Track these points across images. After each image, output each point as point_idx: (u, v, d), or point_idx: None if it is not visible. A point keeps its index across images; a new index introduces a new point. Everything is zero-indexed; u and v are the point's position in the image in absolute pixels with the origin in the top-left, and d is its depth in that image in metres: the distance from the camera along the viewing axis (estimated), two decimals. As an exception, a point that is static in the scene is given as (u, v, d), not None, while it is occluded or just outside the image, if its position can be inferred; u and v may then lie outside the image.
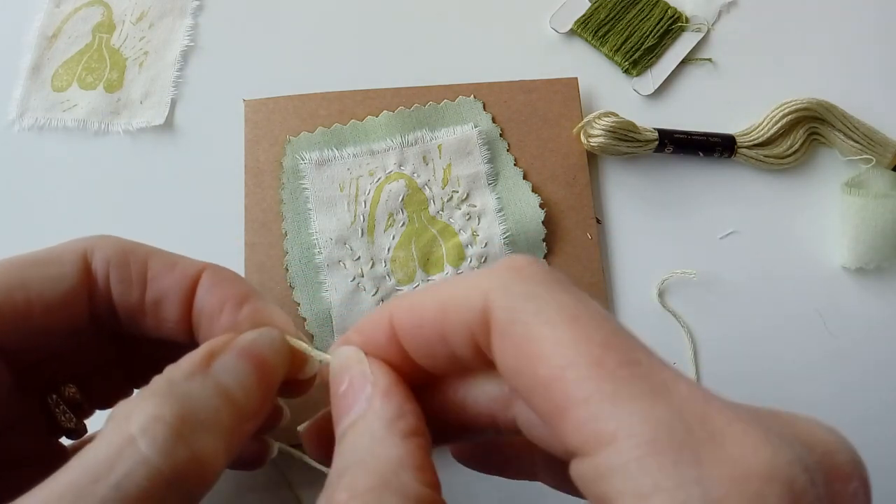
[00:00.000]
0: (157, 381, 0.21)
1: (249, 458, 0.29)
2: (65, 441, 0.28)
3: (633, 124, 0.41)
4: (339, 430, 0.19)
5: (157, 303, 0.26)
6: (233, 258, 0.39)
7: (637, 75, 0.45)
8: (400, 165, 0.41)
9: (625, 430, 0.15)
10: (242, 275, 0.39)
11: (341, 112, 0.42)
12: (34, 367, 0.26)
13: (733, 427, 0.15)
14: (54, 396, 0.27)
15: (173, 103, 0.44)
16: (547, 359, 0.17)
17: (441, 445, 0.22)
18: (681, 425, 0.15)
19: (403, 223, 0.40)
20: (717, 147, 0.42)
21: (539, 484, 0.25)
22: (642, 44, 0.46)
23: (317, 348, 0.38)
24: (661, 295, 0.40)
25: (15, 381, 0.25)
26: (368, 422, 0.19)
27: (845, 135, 0.43)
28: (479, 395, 0.21)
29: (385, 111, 0.42)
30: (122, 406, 0.20)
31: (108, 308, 0.26)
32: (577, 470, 0.17)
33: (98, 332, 0.27)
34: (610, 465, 0.15)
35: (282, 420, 0.28)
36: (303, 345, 0.25)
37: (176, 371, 0.22)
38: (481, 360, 0.20)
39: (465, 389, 0.21)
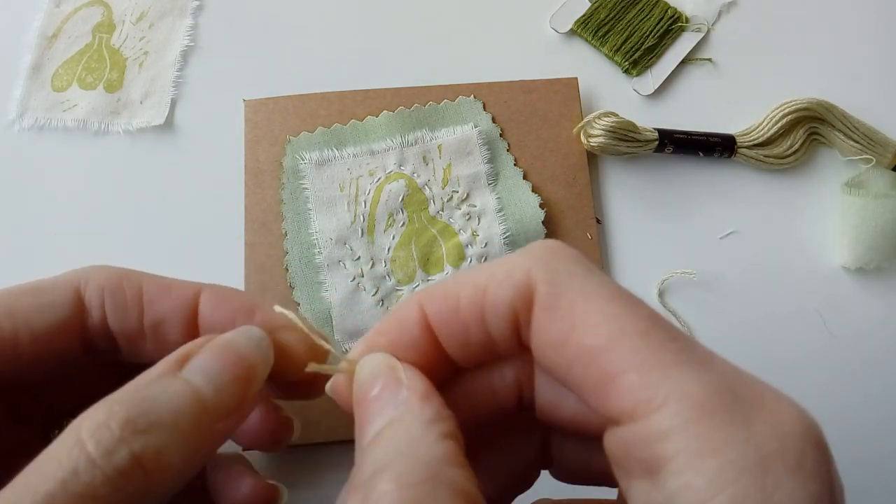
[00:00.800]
0: (126, 385, 0.21)
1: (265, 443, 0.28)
2: None
3: (633, 124, 0.41)
4: (370, 433, 0.19)
5: (157, 326, 0.26)
6: (233, 258, 0.39)
7: (637, 75, 0.45)
8: (400, 165, 0.41)
9: (676, 394, 0.16)
10: (242, 274, 0.39)
11: (341, 112, 0.42)
12: (32, 398, 0.26)
13: (766, 392, 0.17)
14: (56, 431, 0.27)
15: (173, 103, 0.44)
16: (595, 329, 0.18)
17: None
18: (727, 390, 0.16)
19: (403, 223, 0.40)
20: (717, 147, 0.42)
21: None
22: (642, 44, 0.46)
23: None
24: (661, 294, 0.40)
25: (9, 410, 0.25)
26: (406, 423, 0.19)
27: (845, 135, 0.43)
28: (499, 382, 0.22)
29: (385, 111, 0.42)
30: (86, 411, 0.20)
31: (105, 337, 0.26)
32: (620, 437, 0.17)
33: (98, 363, 0.27)
34: (662, 428, 0.16)
35: (293, 434, 0.28)
36: (323, 343, 0.24)
37: (146, 375, 0.22)
38: (514, 343, 0.20)
39: (485, 378, 0.22)
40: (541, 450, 0.23)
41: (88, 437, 0.19)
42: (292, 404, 0.29)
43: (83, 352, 0.26)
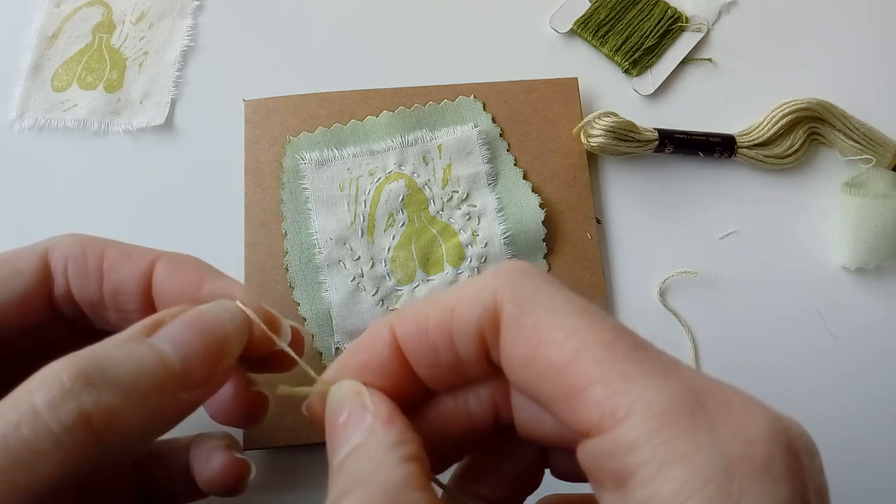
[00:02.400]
0: (90, 346, 0.21)
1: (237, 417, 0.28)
2: None
3: (633, 124, 0.41)
4: (338, 458, 0.19)
5: (116, 294, 0.26)
6: (233, 258, 0.39)
7: (637, 75, 0.45)
8: (400, 165, 0.41)
9: (640, 404, 0.16)
10: (242, 275, 0.39)
11: (341, 112, 0.42)
12: (8, 369, 0.26)
13: (734, 398, 0.17)
14: None
15: (173, 103, 0.44)
16: (560, 344, 0.18)
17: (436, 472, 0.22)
18: (692, 397, 0.16)
19: (403, 223, 0.40)
20: (717, 147, 0.42)
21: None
22: (642, 44, 0.45)
23: (314, 347, 0.38)
24: (661, 294, 0.40)
25: None
26: (370, 448, 0.19)
27: (845, 135, 0.43)
28: (474, 403, 0.22)
29: (385, 111, 0.42)
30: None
31: (72, 305, 0.26)
32: (590, 449, 0.17)
33: (74, 334, 0.27)
34: (628, 439, 0.16)
35: (267, 410, 0.28)
36: (273, 315, 0.25)
37: (112, 338, 0.21)
38: (484, 364, 0.20)
39: (460, 400, 0.22)
40: (540, 452, 0.23)
41: (37, 388, 0.19)
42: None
43: (55, 321, 0.26)
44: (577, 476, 0.22)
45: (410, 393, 0.21)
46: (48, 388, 0.19)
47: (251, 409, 0.28)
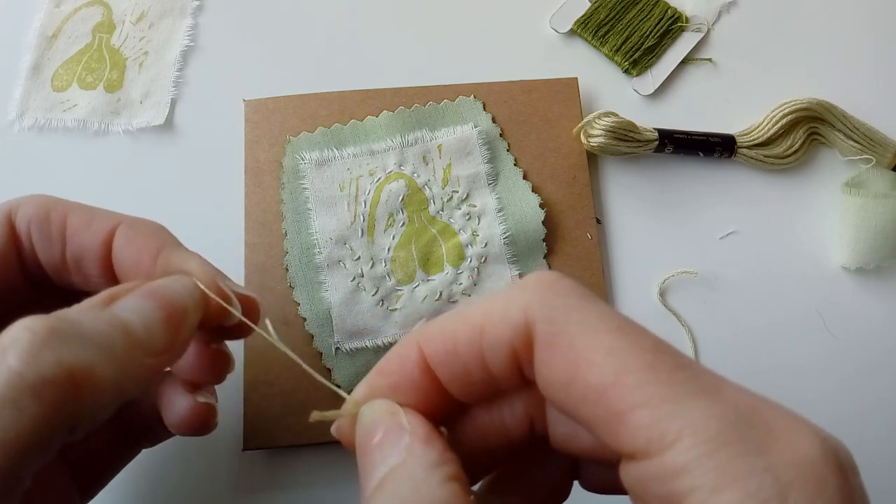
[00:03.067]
0: (51, 313, 0.21)
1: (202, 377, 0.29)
2: None
3: (633, 124, 0.41)
4: (374, 480, 0.19)
5: (78, 260, 0.26)
6: (233, 258, 0.39)
7: (637, 75, 0.45)
8: (400, 165, 0.41)
9: (689, 429, 0.16)
10: (242, 275, 0.39)
11: (341, 112, 0.42)
12: None
13: (782, 418, 0.17)
14: None
15: (173, 103, 0.44)
16: (599, 366, 0.17)
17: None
18: (740, 420, 0.16)
19: (403, 223, 0.40)
20: (717, 147, 0.42)
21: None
22: (642, 44, 0.45)
23: (314, 347, 0.38)
24: (661, 294, 0.40)
25: None
26: (409, 468, 0.19)
27: (845, 135, 0.43)
28: (508, 416, 0.21)
29: (385, 111, 0.42)
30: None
31: (38, 267, 0.26)
32: (636, 472, 0.17)
33: (40, 293, 0.27)
34: (677, 464, 0.16)
35: (231, 366, 0.28)
36: (227, 290, 0.25)
37: (72, 308, 0.22)
38: (517, 379, 0.20)
39: (494, 413, 0.22)
40: (570, 464, 0.23)
41: (9, 344, 0.19)
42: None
43: (25, 282, 0.26)
44: (607, 488, 0.22)
45: (443, 409, 0.21)
46: (21, 342, 0.19)
47: (215, 366, 0.28)
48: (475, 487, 0.23)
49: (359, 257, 0.39)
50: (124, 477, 0.36)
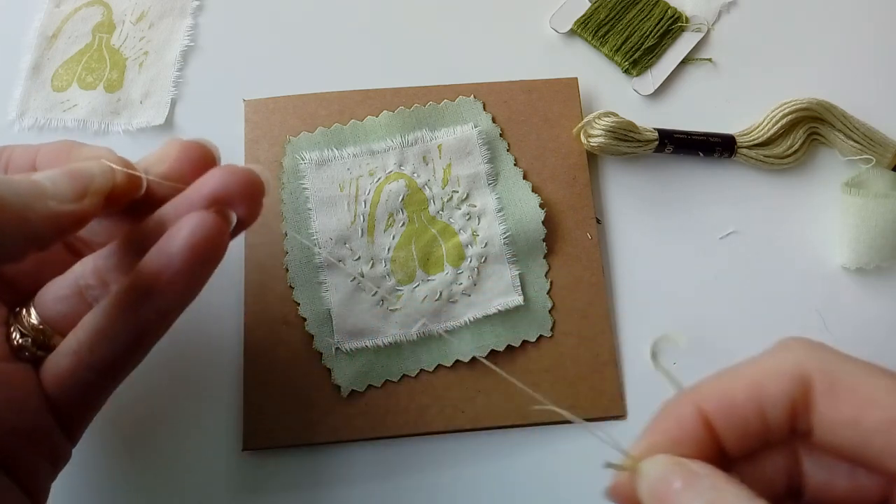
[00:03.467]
0: None
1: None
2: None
3: (633, 124, 0.41)
4: None
5: None
6: (233, 258, 0.39)
7: (637, 75, 0.45)
8: (400, 165, 0.41)
9: None
10: (242, 274, 0.39)
11: (341, 112, 0.42)
12: None
13: None
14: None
15: (173, 103, 0.44)
16: (883, 402, 0.20)
17: None
18: None
19: (403, 223, 0.40)
20: (717, 147, 0.42)
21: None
22: (642, 44, 0.46)
23: (314, 347, 0.38)
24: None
25: None
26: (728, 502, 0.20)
27: (845, 135, 0.43)
28: (770, 469, 0.23)
29: (385, 111, 0.42)
30: None
31: None
32: None
33: None
34: None
35: (141, 187, 0.28)
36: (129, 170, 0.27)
37: None
38: (787, 431, 0.22)
39: (758, 467, 0.24)
40: None
41: None
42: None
43: None
44: None
45: (714, 464, 0.22)
46: None
47: (127, 189, 0.28)
48: None
49: (359, 257, 0.39)
50: (124, 477, 0.36)
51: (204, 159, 0.29)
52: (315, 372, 0.37)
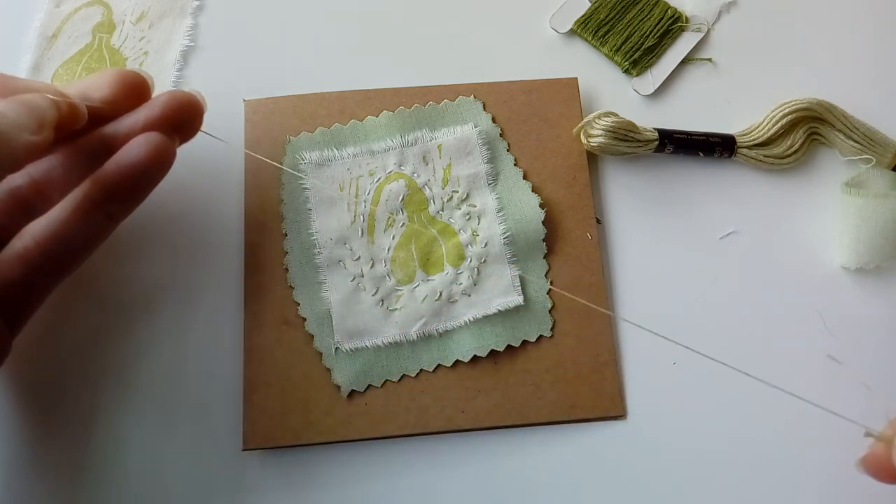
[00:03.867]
0: None
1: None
2: None
3: (633, 124, 0.41)
4: None
5: None
6: (233, 258, 0.39)
7: (637, 75, 0.45)
8: (400, 165, 0.41)
9: None
10: (242, 274, 0.39)
11: (341, 112, 0.42)
12: None
13: None
14: None
15: (173, 103, 0.44)
16: None
17: None
18: None
19: (403, 223, 0.40)
20: (717, 147, 0.42)
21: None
22: (642, 44, 0.46)
23: (314, 347, 0.38)
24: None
25: None
26: None
27: (845, 135, 0.43)
28: None
29: (385, 111, 0.42)
30: None
31: None
32: None
33: None
34: None
35: (83, 118, 0.30)
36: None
37: None
38: None
39: None
40: None
41: None
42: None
43: None
44: None
45: None
46: None
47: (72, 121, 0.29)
48: None
49: (359, 257, 0.39)
50: (124, 476, 0.36)
51: (138, 86, 0.31)
52: (315, 372, 0.37)
